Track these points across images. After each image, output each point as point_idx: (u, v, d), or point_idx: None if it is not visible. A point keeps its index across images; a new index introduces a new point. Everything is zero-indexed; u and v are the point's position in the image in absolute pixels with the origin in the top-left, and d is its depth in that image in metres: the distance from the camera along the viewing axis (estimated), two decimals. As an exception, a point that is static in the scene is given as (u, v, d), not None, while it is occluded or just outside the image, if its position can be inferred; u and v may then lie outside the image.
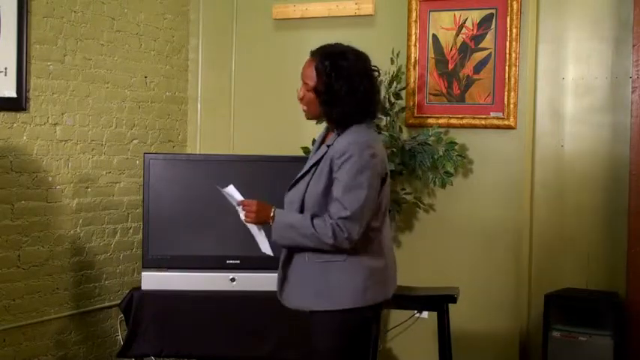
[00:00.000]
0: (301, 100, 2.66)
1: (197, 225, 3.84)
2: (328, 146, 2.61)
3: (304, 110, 2.68)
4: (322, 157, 2.60)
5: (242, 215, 2.67)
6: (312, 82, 2.59)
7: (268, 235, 2.67)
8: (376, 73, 2.68)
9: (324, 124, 2.79)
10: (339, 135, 2.61)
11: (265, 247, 2.71)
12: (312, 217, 2.55)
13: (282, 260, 2.69)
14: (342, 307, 2.54)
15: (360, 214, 2.50)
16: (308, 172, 2.64)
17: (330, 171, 2.55)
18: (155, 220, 3.83)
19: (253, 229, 2.70)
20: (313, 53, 2.65)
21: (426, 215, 4.10)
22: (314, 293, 2.58)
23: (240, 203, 2.67)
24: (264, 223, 2.65)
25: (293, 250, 2.63)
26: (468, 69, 4.00)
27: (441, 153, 3.93)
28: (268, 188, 2.87)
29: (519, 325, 3.95)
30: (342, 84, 2.56)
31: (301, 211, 2.61)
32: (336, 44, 2.65)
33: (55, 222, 3.90)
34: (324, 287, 2.56)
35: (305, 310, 2.61)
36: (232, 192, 2.70)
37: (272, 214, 2.61)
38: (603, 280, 3.86)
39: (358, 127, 2.60)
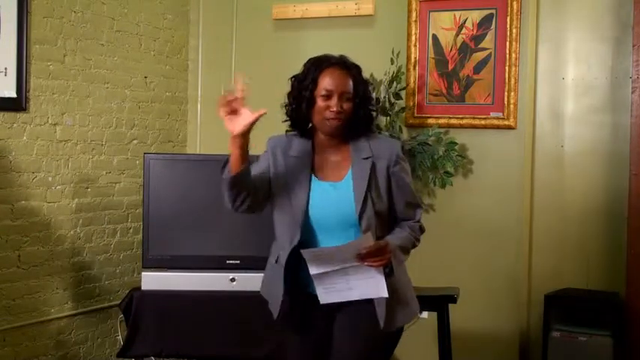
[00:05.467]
0: (340, 113, 2.49)
1: (197, 225, 3.84)
2: (366, 158, 2.53)
3: (339, 124, 2.51)
4: (370, 171, 2.52)
5: (357, 262, 2.39)
6: (352, 92, 2.53)
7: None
8: None
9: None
10: (365, 143, 2.56)
11: (383, 289, 2.44)
12: (405, 229, 2.59)
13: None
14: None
15: None
16: (367, 193, 2.49)
17: (388, 178, 2.55)
18: (155, 220, 3.83)
19: (370, 273, 2.42)
20: (334, 64, 2.54)
21: (426, 215, 4.09)
22: (407, 303, 2.61)
23: (375, 248, 2.39)
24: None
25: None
26: (467, 69, 4.00)
27: (441, 153, 3.94)
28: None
29: (519, 325, 3.95)
30: (368, 87, 2.65)
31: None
32: (330, 54, 2.61)
33: (55, 222, 3.90)
34: (410, 294, 2.64)
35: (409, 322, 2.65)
36: (368, 240, 2.39)
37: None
38: (603, 280, 3.86)
39: (372, 132, 2.67)
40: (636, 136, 3.66)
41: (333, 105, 2.49)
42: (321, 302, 2.49)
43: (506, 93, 3.91)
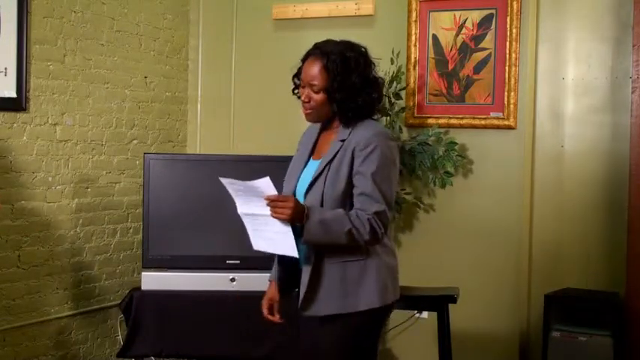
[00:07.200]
0: (307, 103, 2.53)
1: (197, 225, 3.85)
2: (341, 141, 2.51)
3: (309, 113, 2.56)
4: (336, 153, 2.49)
5: (269, 211, 2.38)
6: (320, 83, 2.49)
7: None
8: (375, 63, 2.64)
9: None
10: (349, 128, 2.52)
11: (291, 249, 2.41)
12: (348, 213, 2.42)
13: (307, 271, 2.49)
14: (368, 308, 2.47)
15: (390, 208, 2.46)
16: (322, 172, 2.50)
17: (351, 165, 2.46)
18: (155, 220, 3.83)
19: (279, 228, 2.41)
20: (313, 53, 2.55)
21: (426, 215, 4.10)
22: (342, 296, 2.47)
23: (273, 199, 2.39)
24: (296, 222, 2.39)
25: (314, 254, 2.47)
26: (467, 69, 4.00)
27: (441, 153, 3.93)
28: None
29: (519, 325, 3.95)
30: (356, 76, 2.51)
31: None
32: (332, 40, 2.59)
33: (55, 222, 3.90)
34: (350, 289, 2.47)
35: (333, 314, 2.47)
36: (265, 185, 2.40)
37: (306, 211, 2.38)
38: (603, 280, 3.85)
39: (369, 120, 2.56)
40: (636, 136, 3.66)
41: (302, 95, 2.56)
42: (254, 248, 2.54)
43: (506, 93, 3.91)
